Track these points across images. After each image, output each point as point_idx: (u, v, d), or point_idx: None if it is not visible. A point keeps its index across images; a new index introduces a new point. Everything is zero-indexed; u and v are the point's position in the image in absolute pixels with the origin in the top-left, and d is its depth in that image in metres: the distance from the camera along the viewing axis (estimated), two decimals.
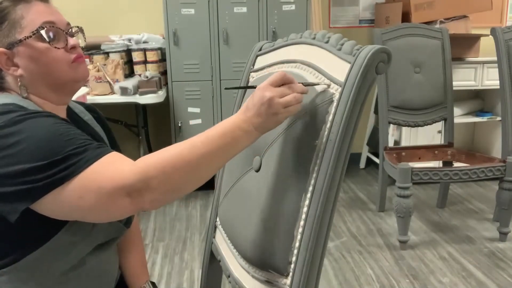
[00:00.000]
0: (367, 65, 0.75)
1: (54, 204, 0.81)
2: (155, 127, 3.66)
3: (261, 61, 1.10)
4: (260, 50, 1.11)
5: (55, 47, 0.93)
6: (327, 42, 0.86)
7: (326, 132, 0.79)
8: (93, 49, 3.15)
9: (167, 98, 3.13)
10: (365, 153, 3.89)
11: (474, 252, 2.46)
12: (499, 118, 3.45)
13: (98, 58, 3.05)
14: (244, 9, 3.08)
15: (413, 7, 3.20)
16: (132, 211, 0.82)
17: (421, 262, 2.36)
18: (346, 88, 0.77)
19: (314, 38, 0.91)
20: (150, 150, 3.61)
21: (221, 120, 3.17)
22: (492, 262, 2.35)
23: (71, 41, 0.97)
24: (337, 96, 0.79)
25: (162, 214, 3.03)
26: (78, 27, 1.03)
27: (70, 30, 0.99)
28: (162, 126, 3.61)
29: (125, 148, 3.62)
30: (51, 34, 0.93)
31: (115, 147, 1.15)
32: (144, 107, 3.34)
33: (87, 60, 3.05)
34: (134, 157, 0.86)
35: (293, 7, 3.12)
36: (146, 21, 3.46)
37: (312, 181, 0.80)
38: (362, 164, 3.91)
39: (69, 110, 1.06)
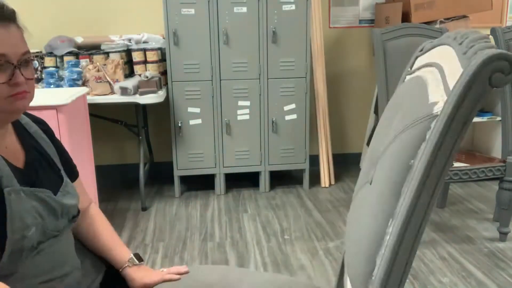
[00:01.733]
0: (475, 74, 0.63)
1: None
2: (155, 127, 3.66)
3: (417, 62, 1.00)
4: (421, 50, 1.00)
5: None
6: (461, 43, 0.74)
7: (422, 151, 0.70)
8: (93, 49, 3.15)
9: (167, 98, 3.13)
10: (365, 153, 3.89)
11: (474, 252, 2.46)
12: (499, 118, 3.45)
13: (98, 58, 3.05)
14: (244, 9, 3.07)
15: (413, 7, 3.20)
16: None
17: (421, 262, 2.36)
18: (449, 101, 0.66)
19: (455, 38, 0.79)
20: (150, 150, 3.61)
21: (221, 119, 3.18)
22: (492, 262, 2.35)
23: (18, 77, 0.95)
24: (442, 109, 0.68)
25: (162, 214, 3.03)
26: (36, 56, 1.03)
27: (25, 60, 0.97)
28: (162, 126, 3.61)
29: (125, 148, 3.63)
30: None
31: (65, 163, 1.17)
32: (144, 107, 3.34)
33: (87, 60, 3.05)
34: (134, 157, 0.87)
35: (293, 7, 3.12)
36: (146, 21, 3.46)
37: (399, 205, 0.72)
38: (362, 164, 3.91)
39: (17, 122, 1.07)
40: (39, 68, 2.86)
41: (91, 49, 3.15)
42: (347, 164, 3.87)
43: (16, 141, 1.06)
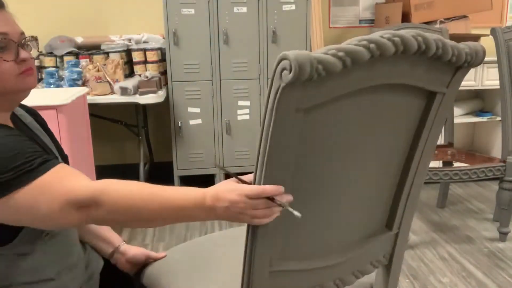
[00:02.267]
0: (274, 72, 0.73)
1: (4, 211, 0.85)
2: (155, 127, 3.66)
3: None
4: None
5: (4, 60, 0.94)
6: None
7: None
8: (93, 49, 3.15)
9: (167, 98, 3.13)
10: None
11: (474, 252, 2.46)
12: (499, 118, 3.45)
13: (98, 58, 3.05)
14: (244, 9, 3.07)
15: (413, 7, 3.20)
16: (76, 224, 0.89)
17: (421, 262, 2.36)
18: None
19: None
20: (150, 150, 3.61)
21: (221, 119, 3.18)
22: (492, 262, 2.35)
23: (22, 54, 0.97)
24: None
25: None
26: (32, 36, 1.05)
27: (23, 40, 0.99)
28: (162, 126, 3.61)
29: (125, 148, 3.63)
30: (1, 46, 0.94)
31: (59, 150, 1.19)
32: (144, 107, 3.34)
33: (87, 60, 3.05)
34: (134, 157, 0.88)
35: (293, 7, 3.11)
36: (146, 21, 3.46)
37: None
38: None
39: (13, 114, 1.09)
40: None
41: (91, 49, 3.15)
42: None
43: None
